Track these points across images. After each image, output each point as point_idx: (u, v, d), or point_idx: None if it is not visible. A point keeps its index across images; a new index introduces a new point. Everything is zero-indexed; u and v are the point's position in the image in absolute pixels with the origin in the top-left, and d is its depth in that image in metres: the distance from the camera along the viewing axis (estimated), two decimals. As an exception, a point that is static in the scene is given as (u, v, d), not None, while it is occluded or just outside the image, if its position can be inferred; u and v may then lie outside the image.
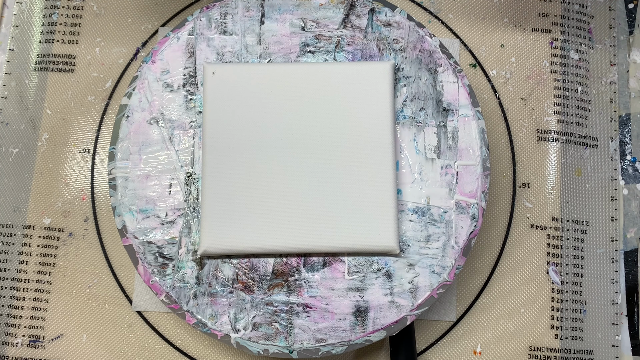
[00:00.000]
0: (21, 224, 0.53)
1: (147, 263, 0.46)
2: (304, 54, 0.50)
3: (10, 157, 0.55)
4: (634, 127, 0.56)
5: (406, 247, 0.46)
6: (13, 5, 0.58)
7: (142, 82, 0.49)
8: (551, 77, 0.55)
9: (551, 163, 0.54)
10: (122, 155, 0.48)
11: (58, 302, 0.52)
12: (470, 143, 0.48)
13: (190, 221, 0.47)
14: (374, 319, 0.45)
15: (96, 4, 0.57)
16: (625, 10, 0.58)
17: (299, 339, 0.45)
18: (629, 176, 0.55)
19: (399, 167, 0.48)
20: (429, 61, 0.49)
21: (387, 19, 0.50)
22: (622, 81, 0.57)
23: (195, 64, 0.50)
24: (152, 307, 0.51)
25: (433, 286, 0.45)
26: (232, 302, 0.45)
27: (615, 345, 0.51)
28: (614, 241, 0.53)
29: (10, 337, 0.51)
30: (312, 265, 0.46)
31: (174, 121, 0.49)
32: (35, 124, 0.55)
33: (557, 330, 0.51)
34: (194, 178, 0.48)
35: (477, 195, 0.47)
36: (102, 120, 0.55)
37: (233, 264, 0.46)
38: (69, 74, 0.56)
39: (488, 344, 0.51)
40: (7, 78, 0.56)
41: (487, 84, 0.55)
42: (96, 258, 0.53)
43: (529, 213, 0.53)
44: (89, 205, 0.54)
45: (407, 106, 0.49)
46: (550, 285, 0.52)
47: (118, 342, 0.51)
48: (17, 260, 0.53)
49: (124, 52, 0.56)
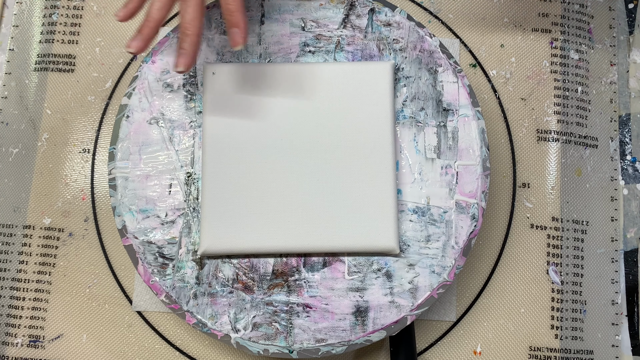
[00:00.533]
0: (21, 224, 0.53)
1: (147, 263, 0.46)
2: (304, 54, 0.50)
3: (10, 157, 0.55)
4: (634, 127, 0.56)
5: (406, 247, 0.46)
6: (13, 5, 0.58)
7: (142, 82, 0.49)
8: (551, 77, 0.55)
9: (551, 163, 0.54)
10: (122, 155, 0.48)
11: (58, 302, 0.52)
12: (470, 143, 0.48)
13: (190, 221, 0.47)
14: (374, 319, 0.45)
15: (96, 4, 0.57)
16: (625, 10, 0.58)
17: (299, 339, 0.45)
18: (629, 176, 0.55)
19: (399, 167, 0.48)
20: (429, 61, 0.49)
21: (387, 19, 0.50)
22: (622, 81, 0.57)
23: (195, 64, 0.50)
24: (152, 307, 0.51)
25: (433, 286, 0.45)
26: (232, 302, 0.45)
27: (615, 345, 0.51)
28: (614, 241, 0.53)
29: (10, 337, 0.51)
30: (312, 265, 0.46)
31: (174, 121, 0.49)
32: (35, 124, 0.55)
33: (557, 330, 0.51)
34: (194, 178, 0.48)
35: (477, 195, 0.47)
36: (102, 120, 0.55)
37: (233, 264, 0.46)
38: (69, 74, 0.56)
39: (488, 344, 0.51)
40: (7, 78, 0.56)
41: (487, 84, 0.55)
42: (96, 258, 0.53)
43: (529, 213, 0.53)
44: (89, 205, 0.54)
45: (407, 106, 0.49)
46: (550, 285, 0.52)
47: (118, 342, 0.51)
48: (17, 260, 0.53)
49: (124, 52, 0.56)
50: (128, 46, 0.42)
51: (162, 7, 0.42)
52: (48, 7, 0.57)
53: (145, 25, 0.42)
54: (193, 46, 0.42)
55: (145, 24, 0.42)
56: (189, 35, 0.41)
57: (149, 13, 0.42)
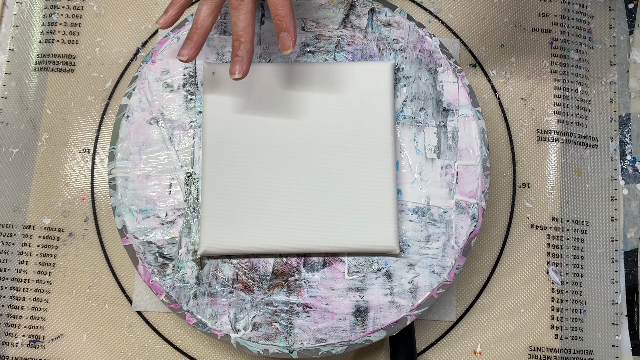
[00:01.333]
0: (21, 224, 0.53)
1: (147, 263, 0.46)
2: (304, 54, 0.50)
3: (10, 157, 0.55)
4: (634, 127, 0.56)
5: (406, 247, 0.46)
6: (13, 5, 0.58)
7: (142, 82, 0.49)
8: (551, 77, 0.55)
9: (551, 163, 0.54)
10: (122, 155, 0.48)
11: (58, 302, 0.52)
12: (470, 143, 0.48)
13: (190, 221, 0.47)
14: (374, 319, 0.45)
15: (96, 4, 0.57)
16: (625, 10, 0.58)
17: (299, 339, 0.45)
18: (629, 176, 0.55)
19: (399, 167, 0.48)
20: (429, 61, 0.49)
21: (387, 19, 0.50)
22: (622, 81, 0.57)
23: (195, 64, 0.50)
24: (152, 307, 0.51)
25: (433, 286, 0.45)
26: (232, 302, 0.45)
27: (615, 345, 0.51)
28: (614, 241, 0.53)
29: (10, 337, 0.51)
30: (312, 265, 0.46)
31: (174, 121, 0.49)
32: (35, 124, 0.55)
33: (557, 330, 0.51)
34: (194, 178, 0.48)
35: (477, 195, 0.47)
36: (102, 120, 0.55)
37: (233, 264, 0.46)
38: (69, 74, 0.56)
39: (488, 344, 0.51)
40: (7, 78, 0.56)
41: (487, 84, 0.55)
42: (96, 258, 0.53)
43: (529, 213, 0.53)
44: (89, 205, 0.54)
45: (407, 106, 0.49)
46: (550, 285, 0.52)
47: (118, 342, 0.51)
48: (17, 260, 0.53)
49: (124, 52, 0.56)
50: (180, 54, 0.43)
51: (210, 14, 0.43)
52: (48, 7, 0.57)
53: (194, 32, 0.43)
54: (248, 53, 0.42)
55: (194, 31, 0.43)
56: (243, 42, 0.42)
57: (197, 20, 0.43)
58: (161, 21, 0.44)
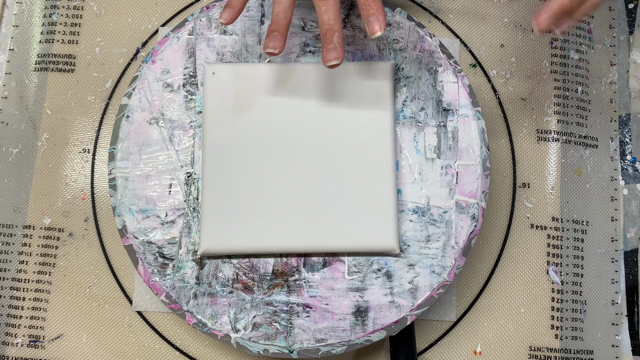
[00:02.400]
0: (21, 224, 0.53)
1: (147, 263, 0.46)
2: (304, 54, 0.50)
3: (10, 157, 0.55)
4: (634, 127, 0.56)
5: (406, 247, 0.46)
6: (13, 5, 0.58)
7: (142, 82, 0.49)
8: (551, 77, 0.55)
9: (551, 163, 0.54)
10: (122, 155, 0.48)
11: (58, 302, 0.52)
12: (470, 143, 0.48)
13: (190, 221, 0.47)
14: (374, 319, 0.45)
15: (96, 4, 0.57)
16: (625, 10, 0.58)
17: (299, 339, 0.45)
18: (629, 176, 0.55)
19: (399, 167, 0.48)
20: (429, 61, 0.49)
21: (387, 19, 0.50)
22: (622, 81, 0.57)
23: (195, 64, 0.50)
24: (152, 307, 0.51)
25: (433, 286, 0.45)
26: (232, 302, 0.45)
27: (615, 345, 0.51)
28: (614, 241, 0.53)
29: (10, 337, 0.51)
30: (312, 265, 0.46)
31: (174, 121, 0.49)
32: (35, 124, 0.55)
33: (557, 330, 0.51)
34: (194, 178, 0.48)
35: (477, 195, 0.47)
36: (102, 120, 0.55)
37: (233, 264, 0.46)
38: (69, 74, 0.56)
39: (488, 344, 0.51)
40: (7, 78, 0.56)
41: (487, 84, 0.55)
42: (96, 258, 0.53)
43: (529, 213, 0.53)
44: (89, 205, 0.54)
45: (407, 106, 0.49)
46: (550, 285, 0.52)
47: (118, 342, 0.51)
48: (17, 260, 0.53)
49: (124, 52, 0.56)
50: (266, 47, 0.42)
51: (288, 8, 0.43)
52: (48, 7, 0.57)
53: (276, 26, 0.43)
54: (341, 40, 0.42)
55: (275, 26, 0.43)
56: (335, 30, 0.42)
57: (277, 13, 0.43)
58: (226, 17, 0.43)
